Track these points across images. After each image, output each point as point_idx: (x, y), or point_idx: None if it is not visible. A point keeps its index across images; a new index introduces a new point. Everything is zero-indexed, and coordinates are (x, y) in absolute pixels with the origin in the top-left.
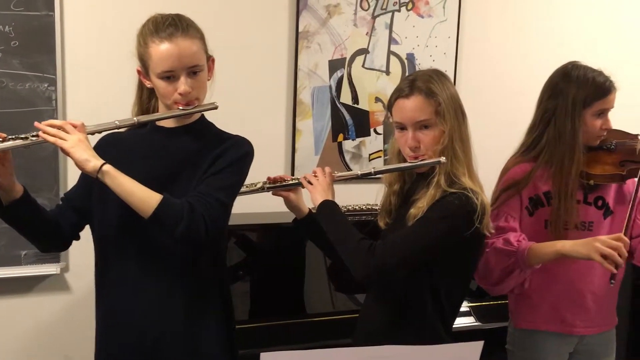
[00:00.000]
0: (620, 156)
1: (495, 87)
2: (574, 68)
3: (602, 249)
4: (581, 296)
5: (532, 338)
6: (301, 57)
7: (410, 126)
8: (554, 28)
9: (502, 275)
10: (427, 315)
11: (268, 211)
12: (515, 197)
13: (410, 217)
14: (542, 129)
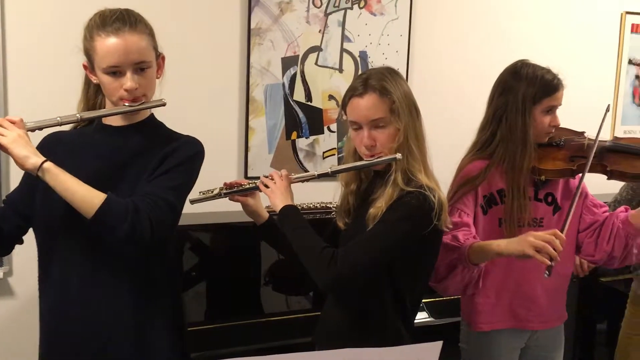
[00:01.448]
0: (570, 152)
1: (447, 84)
2: (523, 66)
3: (535, 242)
4: (533, 292)
5: (486, 336)
6: (253, 54)
7: (366, 125)
8: (504, 26)
9: (446, 271)
10: (388, 315)
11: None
12: (470, 193)
13: (370, 218)
14: (495, 126)
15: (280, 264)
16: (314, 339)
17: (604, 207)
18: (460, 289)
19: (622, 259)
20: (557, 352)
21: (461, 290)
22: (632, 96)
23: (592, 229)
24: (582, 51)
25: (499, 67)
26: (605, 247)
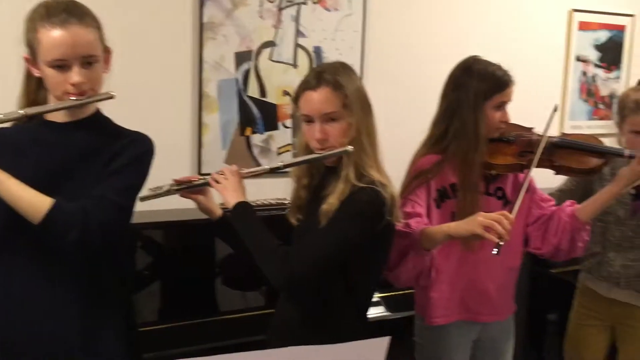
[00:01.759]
0: (520, 147)
1: (401, 80)
2: (474, 62)
3: (484, 221)
4: (484, 285)
5: (440, 330)
6: (206, 49)
7: (318, 118)
8: (456, 23)
9: (398, 258)
10: (342, 311)
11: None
12: (423, 186)
13: (322, 214)
14: (447, 121)
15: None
16: (267, 337)
17: (551, 201)
18: (412, 278)
19: (568, 252)
20: (507, 342)
21: (413, 280)
22: (579, 92)
23: (540, 223)
24: (531, 48)
25: (452, 63)
26: (552, 240)
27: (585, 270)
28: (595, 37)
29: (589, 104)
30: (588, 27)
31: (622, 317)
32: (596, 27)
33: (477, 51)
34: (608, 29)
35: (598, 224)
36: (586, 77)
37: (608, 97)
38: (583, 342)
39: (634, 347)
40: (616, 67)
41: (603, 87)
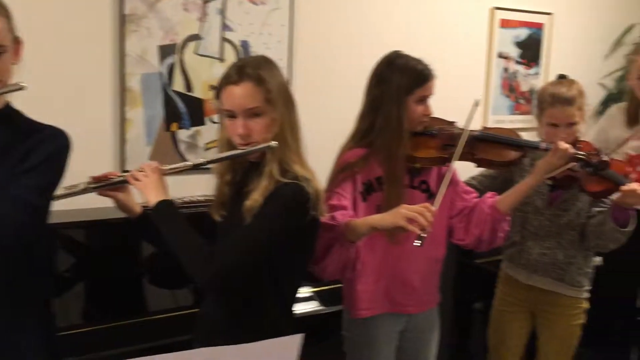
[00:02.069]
0: (443, 141)
1: (329, 75)
2: (397, 57)
3: (407, 213)
4: (409, 277)
5: (367, 323)
6: (128, 41)
7: (240, 114)
8: (384, 17)
9: (323, 250)
10: (267, 307)
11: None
12: (349, 179)
13: (246, 210)
14: (372, 116)
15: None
16: (193, 336)
17: (473, 193)
18: (338, 271)
19: (490, 242)
20: (433, 332)
21: (339, 273)
22: (501, 88)
23: (463, 215)
24: (455, 45)
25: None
26: (475, 231)
27: (506, 259)
28: (516, 35)
29: (510, 99)
30: (509, 24)
31: (541, 303)
32: (516, 25)
33: (403, 47)
34: (528, 27)
35: (518, 214)
36: (507, 73)
37: (528, 92)
38: (505, 328)
39: (552, 331)
40: (535, 64)
41: (523, 83)
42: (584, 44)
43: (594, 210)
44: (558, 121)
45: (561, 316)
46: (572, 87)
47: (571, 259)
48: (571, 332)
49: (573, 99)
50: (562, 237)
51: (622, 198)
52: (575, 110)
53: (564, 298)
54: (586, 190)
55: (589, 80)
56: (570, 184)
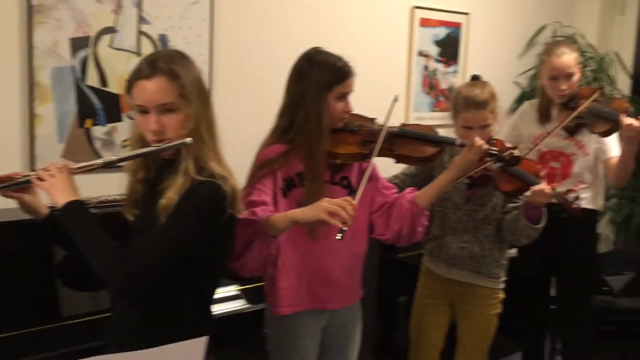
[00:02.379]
0: (363, 137)
1: (251, 70)
2: (316, 53)
3: (328, 207)
4: (331, 273)
5: (289, 320)
6: (37, 33)
7: (153, 109)
8: (306, 14)
9: (243, 246)
10: (184, 308)
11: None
12: (269, 175)
13: (161, 209)
14: (292, 112)
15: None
16: (106, 341)
17: (393, 189)
18: (259, 267)
19: (409, 237)
20: (355, 327)
21: (260, 269)
22: (421, 85)
23: (383, 210)
24: (377, 43)
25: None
26: (395, 226)
27: (426, 253)
28: (435, 33)
29: (430, 97)
30: (428, 23)
31: (460, 295)
32: (435, 24)
33: (324, 43)
34: (446, 26)
35: (438, 208)
36: (428, 71)
37: (448, 90)
38: (426, 320)
39: (470, 321)
40: (454, 62)
41: (443, 81)
42: (499, 44)
43: (508, 206)
44: (472, 124)
45: (479, 307)
46: (485, 91)
47: (487, 252)
48: (488, 322)
49: (486, 102)
50: (479, 231)
51: (532, 197)
52: (488, 113)
53: (481, 289)
54: (500, 189)
55: (503, 78)
56: (486, 182)
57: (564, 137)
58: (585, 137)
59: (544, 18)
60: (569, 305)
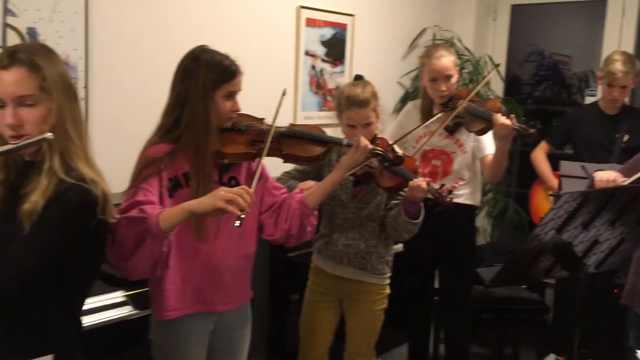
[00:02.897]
0: (251, 136)
1: (132, 67)
2: (202, 51)
3: (225, 195)
4: (219, 274)
5: (175, 324)
6: None
7: (10, 102)
8: (190, 11)
9: (133, 246)
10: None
11: None
12: (154, 175)
13: (25, 214)
14: (178, 111)
15: None
16: None
17: (282, 189)
18: (149, 267)
19: (298, 237)
20: (244, 329)
21: (150, 270)
22: (309, 85)
23: (272, 210)
24: (264, 42)
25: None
26: (284, 226)
27: (315, 251)
28: (321, 34)
29: (318, 96)
30: (314, 23)
31: (347, 291)
32: (322, 24)
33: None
34: (332, 27)
35: (326, 207)
36: (315, 70)
37: (335, 89)
38: (315, 317)
39: (357, 317)
40: (340, 62)
41: (330, 81)
42: (384, 45)
43: (391, 203)
44: (355, 122)
45: (365, 302)
46: (366, 90)
47: (372, 249)
48: (375, 317)
49: (367, 101)
50: (364, 228)
51: (410, 192)
52: (370, 111)
53: (367, 285)
54: (381, 186)
55: (388, 79)
56: (369, 179)
57: (445, 135)
58: (463, 135)
59: (424, 22)
60: (450, 296)
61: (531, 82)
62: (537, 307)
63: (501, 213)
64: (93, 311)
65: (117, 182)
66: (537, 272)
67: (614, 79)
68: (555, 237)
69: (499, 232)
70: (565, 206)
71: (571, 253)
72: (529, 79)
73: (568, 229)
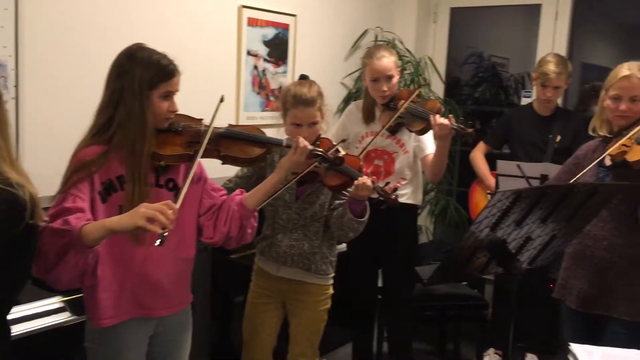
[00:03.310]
0: (188, 138)
1: (66, 65)
2: (138, 49)
3: (146, 212)
4: (157, 279)
5: (112, 331)
6: None
7: None
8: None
9: (56, 258)
10: None
11: None
12: (86, 179)
13: None
14: (112, 110)
15: None
16: None
17: (222, 190)
18: (75, 279)
19: (239, 239)
20: (185, 333)
21: (78, 281)
22: (252, 85)
23: (211, 212)
24: (205, 41)
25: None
26: (223, 228)
27: (258, 252)
28: (263, 34)
29: (261, 96)
30: (256, 23)
31: (291, 292)
32: (264, 24)
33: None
34: (274, 27)
35: (269, 208)
36: (257, 70)
37: (278, 89)
38: (258, 319)
39: (300, 317)
40: (283, 63)
41: (273, 81)
42: (327, 46)
43: (335, 203)
44: (300, 121)
45: (308, 303)
46: (312, 89)
47: (316, 249)
48: (319, 317)
49: (313, 100)
50: (308, 228)
51: (356, 191)
52: (316, 111)
53: (311, 286)
54: (326, 185)
55: (331, 79)
56: (313, 178)
57: (386, 136)
58: (405, 135)
59: (366, 23)
60: (393, 295)
61: (471, 84)
62: (477, 303)
63: (443, 212)
64: (28, 318)
65: (51, 184)
66: (473, 269)
67: (547, 79)
68: (490, 235)
69: (441, 231)
70: (498, 204)
71: (505, 250)
72: (468, 81)
73: (502, 226)
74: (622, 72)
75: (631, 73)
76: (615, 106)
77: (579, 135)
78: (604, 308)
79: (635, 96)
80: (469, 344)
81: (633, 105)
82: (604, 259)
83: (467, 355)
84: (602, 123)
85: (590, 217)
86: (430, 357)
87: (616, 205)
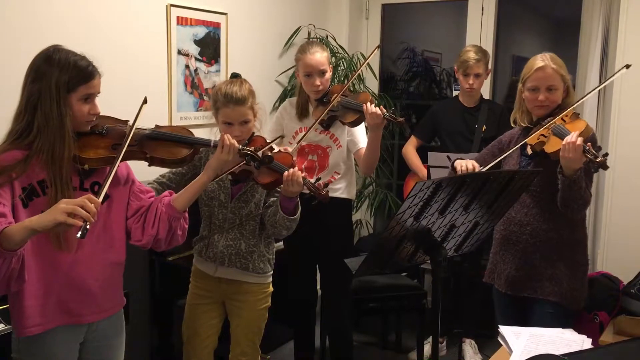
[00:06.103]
0: (112, 140)
1: None
2: (55, 51)
3: (66, 207)
4: (85, 284)
5: (39, 340)
6: None
7: None
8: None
9: None
10: None
11: None
12: (6, 184)
13: None
14: (30, 115)
15: None
16: None
17: (150, 192)
18: (3, 285)
19: (168, 241)
20: (118, 338)
21: (4, 286)
22: (184, 85)
23: (139, 215)
24: (133, 41)
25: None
26: (151, 231)
27: (195, 254)
28: (194, 32)
29: (194, 96)
30: (186, 22)
31: (230, 292)
32: (194, 23)
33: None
34: (205, 25)
35: (204, 208)
36: (189, 70)
37: (211, 89)
38: (198, 321)
39: (241, 317)
40: (216, 61)
41: (205, 80)
42: (260, 44)
43: (270, 201)
44: (231, 120)
45: (248, 302)
46: (243, 87)
47: (253, 248)
48: (259, 316)
49: (245, 98)
50: (244, 227)
51: (286, 186)
52: (248, 109)
53: (250, 285)
54: (258, 182)
55: (266, 77)
56: (247, 177)
57: (320, 131)
58: (338, 130)
59: (299, 20)
60: (331, 289)
61: (405, 79)
62: (416, 293)
63: (381, 205)
64: None
65: None
66: (401, 258)
67: (468, 66)
68: (415, 224)
69: (381, 224)
70: (419, 194)
71: (431, 238)
72: (402, 76)
73: (426, 215)
74: (537, 64)
75: (545, 64)
76: (533, 97)
77: (504, 125)
78: (531, 290)
79: (551, 85)
80: (409, 333)
81: (550, 94)
82: (528, 244)
83: (408, 344)
84: (522, 114)
85: (510, 203)
86: (372, 348)
87: (538, 192)
